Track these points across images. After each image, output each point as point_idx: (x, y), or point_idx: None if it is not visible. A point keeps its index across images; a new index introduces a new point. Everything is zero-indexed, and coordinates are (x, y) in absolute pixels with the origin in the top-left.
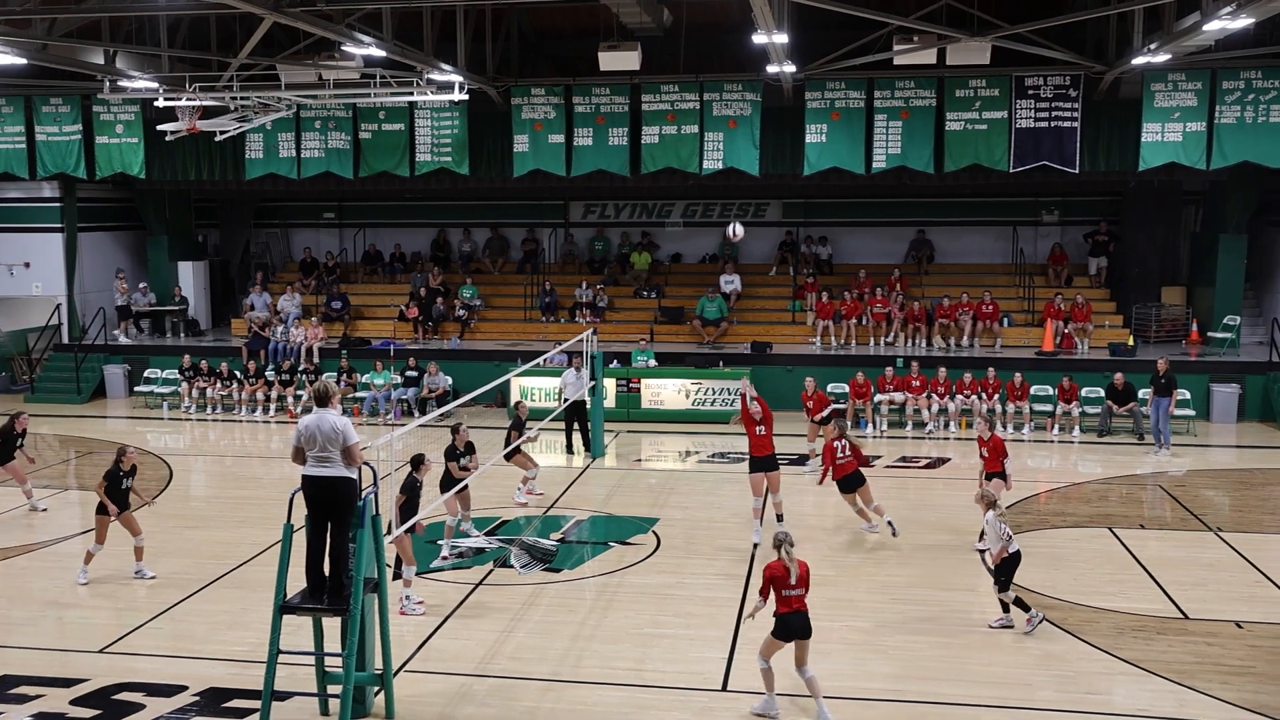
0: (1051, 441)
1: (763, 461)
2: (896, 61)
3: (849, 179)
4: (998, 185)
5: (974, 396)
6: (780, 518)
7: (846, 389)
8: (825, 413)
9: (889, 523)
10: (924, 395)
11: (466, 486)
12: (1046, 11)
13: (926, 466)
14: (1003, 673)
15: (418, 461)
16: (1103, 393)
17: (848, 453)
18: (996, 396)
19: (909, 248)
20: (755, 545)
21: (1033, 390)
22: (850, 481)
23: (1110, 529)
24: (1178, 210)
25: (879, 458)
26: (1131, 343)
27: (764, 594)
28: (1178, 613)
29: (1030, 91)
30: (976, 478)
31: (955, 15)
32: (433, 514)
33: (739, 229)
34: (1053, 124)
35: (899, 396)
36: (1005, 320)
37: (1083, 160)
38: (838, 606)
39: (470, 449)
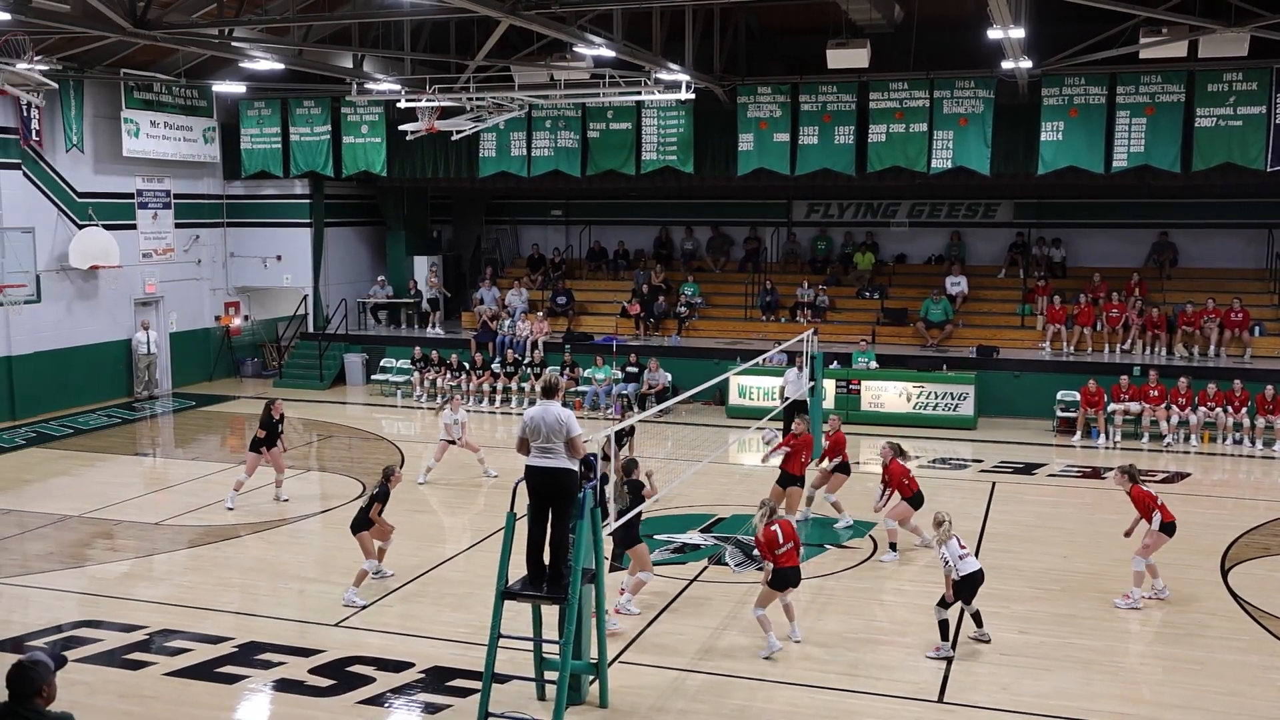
0: None
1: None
2: (1142, 55)
3: (1086, 178)
4: (1251, 185)
5: (1219, 409)
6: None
7: (1077, 396)
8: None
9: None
10: (1163, 406)
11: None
12: None
13: (1164, 481)
14: (1243, 705)
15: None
16: None
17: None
18: (1245, 410)
19: (1150, 251)
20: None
21: None
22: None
23: None
24: None
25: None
26: None
27: (765, 556)
28: None
29: None
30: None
31: (1209, 4)
32: (650, 510)
33: None
34: None
35: (1134, 406)
36: (1257, 329)
37: None
38: (1063, 623)
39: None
